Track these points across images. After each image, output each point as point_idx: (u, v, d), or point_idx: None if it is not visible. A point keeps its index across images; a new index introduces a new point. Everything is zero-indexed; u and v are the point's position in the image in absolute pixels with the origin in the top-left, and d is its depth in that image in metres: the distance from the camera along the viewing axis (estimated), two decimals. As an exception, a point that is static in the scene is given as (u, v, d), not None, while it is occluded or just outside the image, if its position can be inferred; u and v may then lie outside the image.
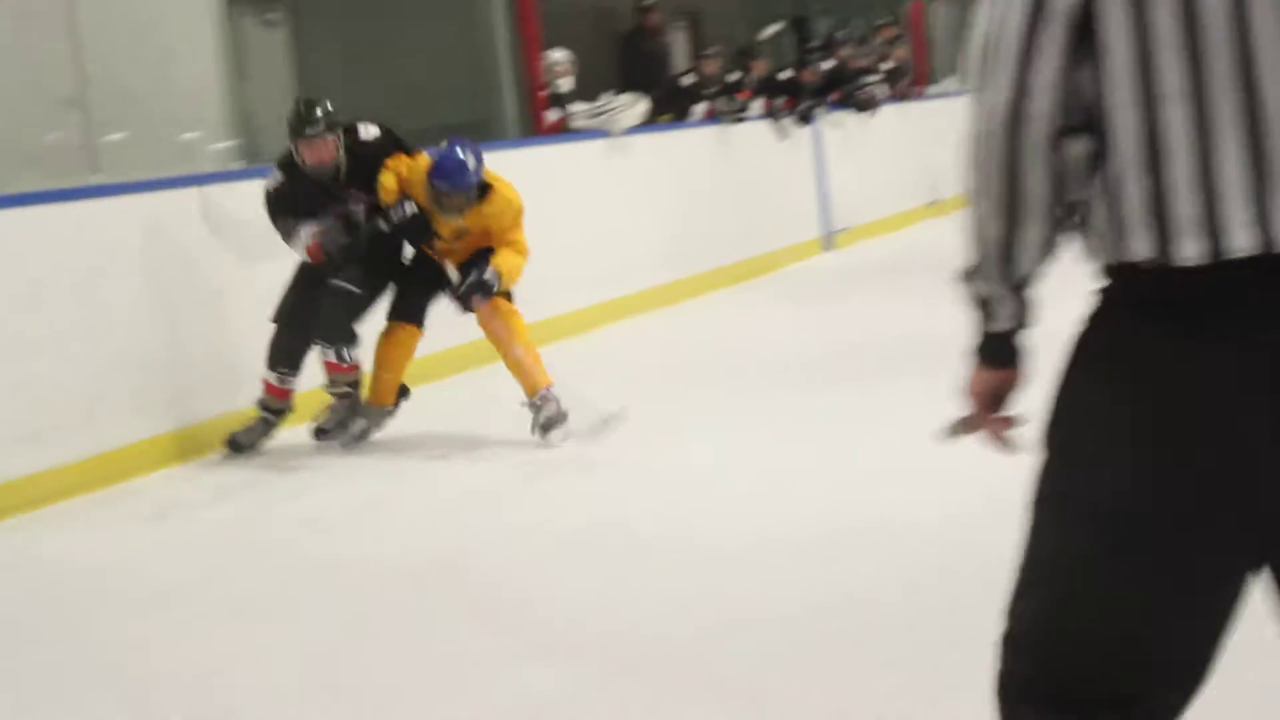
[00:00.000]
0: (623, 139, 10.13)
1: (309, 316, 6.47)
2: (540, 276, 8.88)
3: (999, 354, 2.28)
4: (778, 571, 4.64)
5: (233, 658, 4.16)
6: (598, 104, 10.31)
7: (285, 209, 6.39)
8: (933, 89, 16.97)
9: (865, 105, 13.65)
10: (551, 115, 10.25)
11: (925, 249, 12.38)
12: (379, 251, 6.58)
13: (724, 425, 6.85)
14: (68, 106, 7.23)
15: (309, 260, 6.42)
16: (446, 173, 6.31)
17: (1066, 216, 2.03)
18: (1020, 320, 2.23)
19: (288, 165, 6.42)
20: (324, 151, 6.26)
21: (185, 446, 6.61)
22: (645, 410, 7.15)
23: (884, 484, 5.53)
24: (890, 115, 14.18)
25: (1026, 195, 1.98)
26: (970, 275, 2.23)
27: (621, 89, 10.72)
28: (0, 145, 6.92)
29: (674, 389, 7.80)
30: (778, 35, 13.87)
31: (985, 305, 2.22)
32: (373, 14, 9.29)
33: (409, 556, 5.05)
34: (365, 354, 6.70)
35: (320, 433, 6.64)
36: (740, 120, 11.68)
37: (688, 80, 11.87)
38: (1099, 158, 1.91)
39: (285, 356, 6.52)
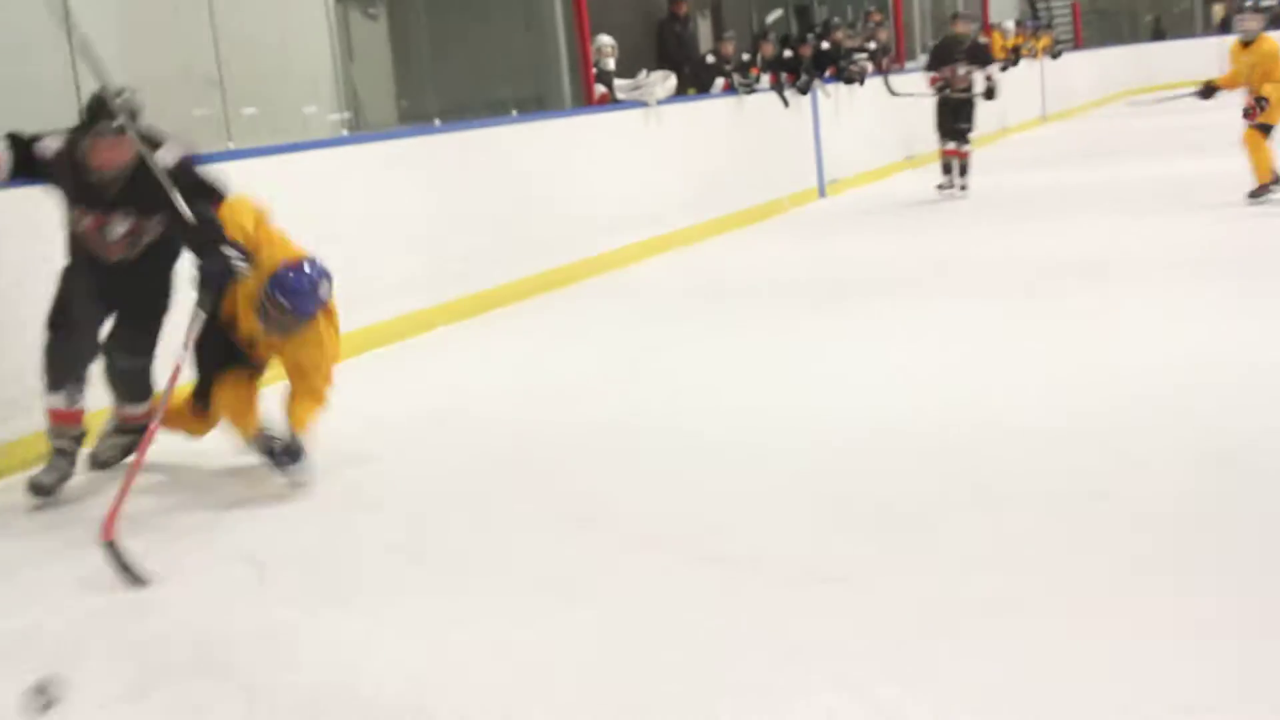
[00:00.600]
0: (656, 108, 10.01)
1: (91, 317, 4.64)
2: (590, 223, 8.95)
3: None
4: (769, 457, 4.57)
5: (340, 531, 4.17)
6: (636, 79, 10.24)
7: (61, 183, 4.53)
8: (910, 64, 16.72)
9: (854, 78, 13.45)
10: (599, 89, 10.20)
11: (902, 195, 12.40)
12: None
13: (738, 331, 6.85)
14: (209, 86, 7.20)
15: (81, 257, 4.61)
16: (292, 291, 4.39)
17: None
18: None
19: (66, 152, 4.46)
20: (116, 153, 4.38)
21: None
22: (674, 325, 7.19)
23: (856, 383, 5.47)
24: (875, 86, 14.02)
25: None
26: None
27: (655, 67, 10.66)
28: (153, 119, 6.89)
29: (700, 305, 7.79)
30: (782, 19, 13.68)
31: None
32: (454, 8, 9.25)
33: (479, 452, 5.01)
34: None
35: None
36: (752, 92, 11.52)
37: (709, 59, 11.77)
38: None
39: (69, 369, 4.57)
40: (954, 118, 11.65)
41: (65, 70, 6.11)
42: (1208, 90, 9.38)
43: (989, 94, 11.80)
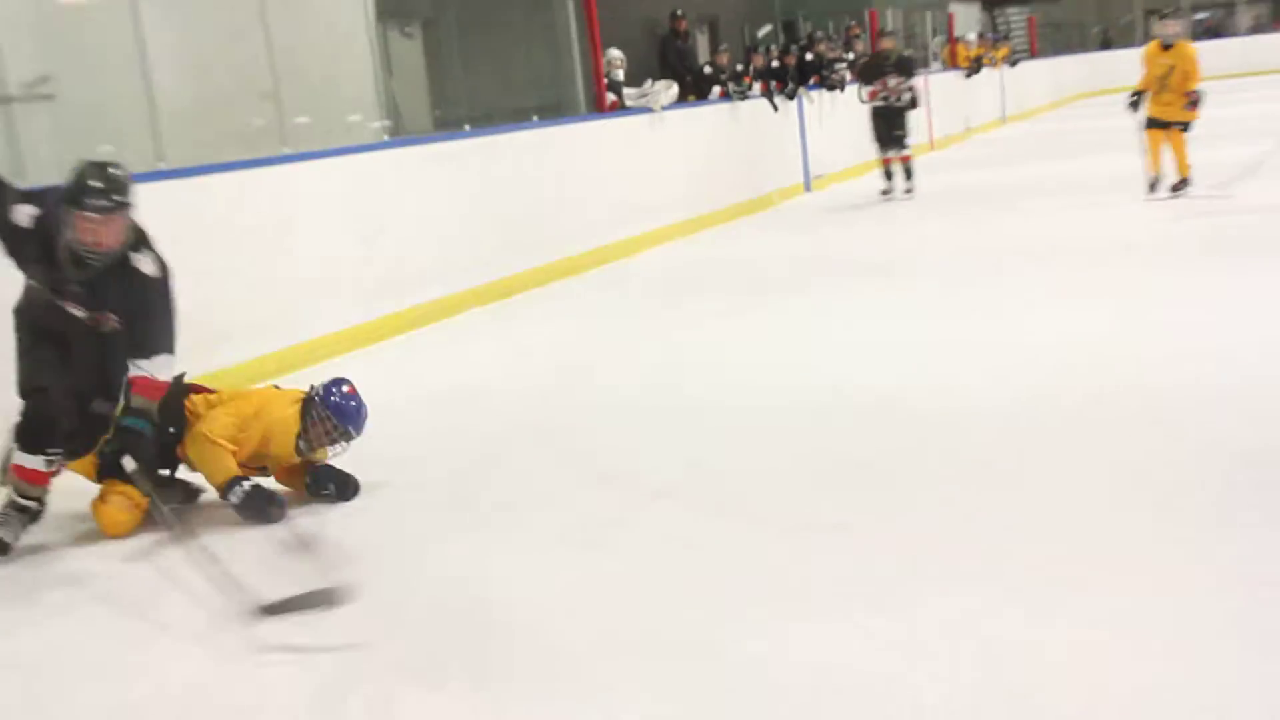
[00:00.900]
0: (660, 113, 9.99)
1: (64, 376, 3.76)
2: (603, 216, 8.96)
3: None
4: (767, 421, 4.57)
5: (388, 486, 4.19)
6: (642, 88, 10.21)
7: (24, 249, 3.63)
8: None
9: (835, 85, 13.39)
10: (609, 97, 10.18)
11: (875, 190, 12.18)
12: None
13: (736, 310, 6.83)
14: (265, 99, 7.22)
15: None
16: (354, 418, 4.00)
17: None
18: None
19: (42, 220, 3.58)
20: (109, 233, 3.54)
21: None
22: (678, 306, 7.20)
23: (840, 354, 5.47)
24: (853, 93, 13.95)
25: None
26: None
27: (659, 77, 10.63)
28: (216, 128, 6.90)
29: (697, 288, 7.78)
30: (771, 34, 13.65)
31: None
32: (481, 27, 9.24)
33: (509, 418, 5.02)
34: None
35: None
36: (745, 98, 11.48)
37: (707, 69, 11.74)
38: None
39: (51, 431, 3.75)
40: (889, 126, 11.24)
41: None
42: (1135, 102, 9.19)
43: (912, 103, 11.33)
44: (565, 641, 2.86)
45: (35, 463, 3.72)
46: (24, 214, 3.58)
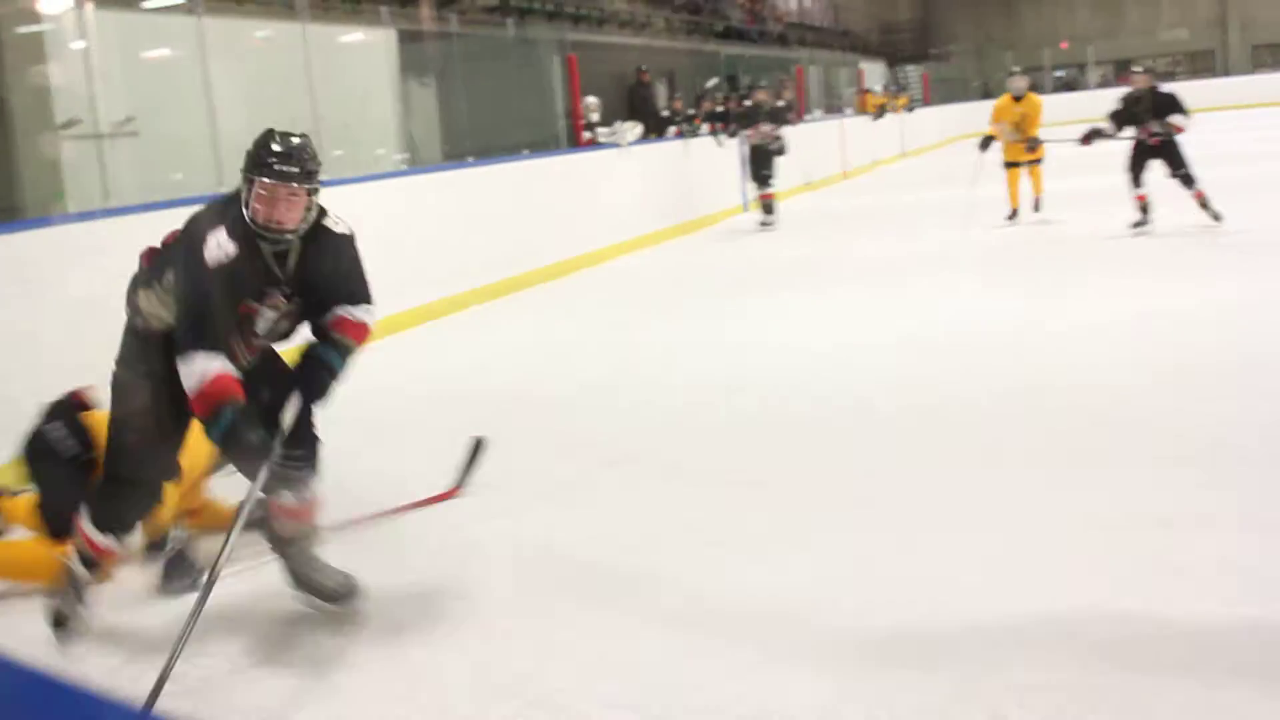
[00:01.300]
0: (627, 149, 9.99)
1: (170, 466, 2.72)
2: (578, 231, 8.96)
3: None
4: (709, 398, 4.57)
5: (395, 456, 4.18)
6: (612, 127, 10.22)
7: (209, 305, 2.47)
8: (807, 117, 16.70)
9: (790, 123, 13.31)
10: (586, 135, 10.19)
11: (801, 211, 12.33)
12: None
13: (685, 309, 6.87)
14: (308, 136, 7.14)
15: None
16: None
17: None
18: None
19: (239, 222, 2.50)
20: (297, 209, 2.53)
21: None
22: (640, 305, 7.20)
23: (767, 342, 5.50)
24: (784, 132, 13.98)
25: None
26: None
27: (626, 118, 10.62)
28: None
29: (657, 290, 7.80)
30: (718, 85, 13.62)
31: None
32: (483, 76, 9.18)
33: (498, 396, 5.01)
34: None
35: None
36: (696, 136, 11.50)
37: (665, 113, 11.77)
38: None
39: (127, 521, 2.71)
40: (759, 167, 10.58)
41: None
42: (985, 144, 9.22)
43: (780, 150, 10.53)
44: (536, 579, 2.89)
45: (105, 540, 2.67)
46: (223, 251, 2.44)
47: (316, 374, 2.60)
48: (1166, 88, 7.81)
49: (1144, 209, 7.77)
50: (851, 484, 3.41)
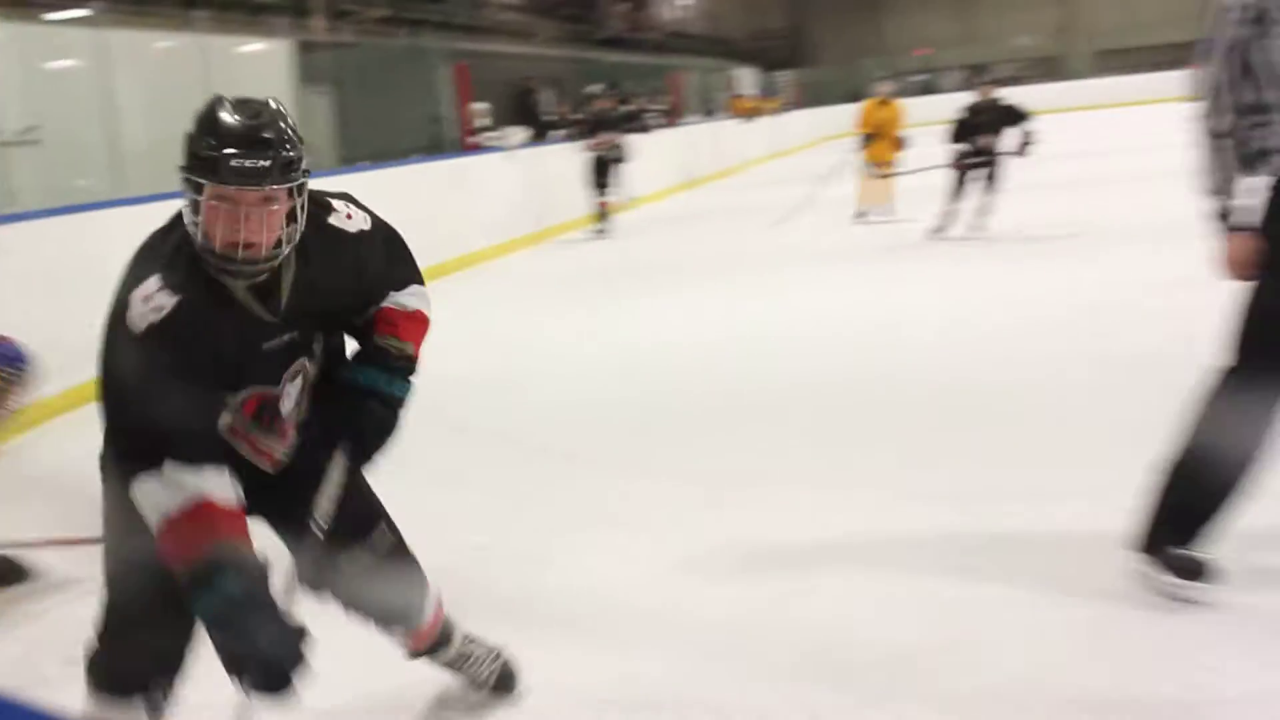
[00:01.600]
0: (513, 152, 10.16)
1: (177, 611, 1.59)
2: (468, 230, 9.07)
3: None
4: (590, 383, 4.76)
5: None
6: (499, 132, 10.39)
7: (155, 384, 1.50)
8: (683, 120, 17.12)
9: (648, 129, 13.63)
10: (474, 138, 10.36)
11: (682, 208, 12.49)
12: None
13: (571, 299, 7.08)
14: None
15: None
16: (14, 355, 2.87)
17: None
18: None
19: (181, 255, 1.56)
20: (273, 221, 1.55)
21: None
22: (527, 298, 7.38)
23: (646, 329, 5.81)
24: (662, 134, 14.43)
25: None
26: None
27: (513, 123, 10.84)
28: (169, 163, 6.90)
29: (543, 284, 7.95)
30: (601, 91, 13.97)
31: None
32: (376, 87, 9.33)
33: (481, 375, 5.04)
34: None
35: None
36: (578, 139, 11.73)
37: (551, 118, 11.97)
38: None
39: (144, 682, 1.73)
40: (600, 175, 10.29)
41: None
42: (862, 144, 9.68)
43: (618, 159, 10.35)
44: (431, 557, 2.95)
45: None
46: (154, 311, 1.56)
47: (359, 414, 1.73)
48: (1010, 96, 8.03)
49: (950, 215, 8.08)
50: (734, 465, 3.48)
